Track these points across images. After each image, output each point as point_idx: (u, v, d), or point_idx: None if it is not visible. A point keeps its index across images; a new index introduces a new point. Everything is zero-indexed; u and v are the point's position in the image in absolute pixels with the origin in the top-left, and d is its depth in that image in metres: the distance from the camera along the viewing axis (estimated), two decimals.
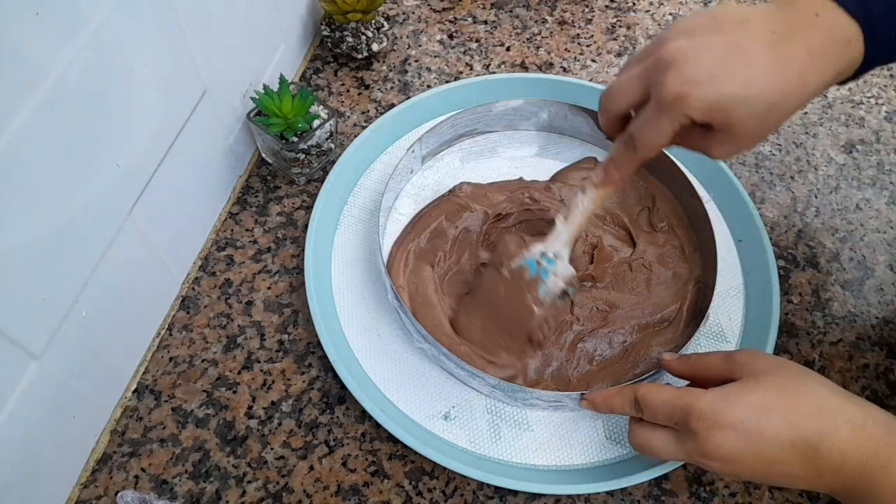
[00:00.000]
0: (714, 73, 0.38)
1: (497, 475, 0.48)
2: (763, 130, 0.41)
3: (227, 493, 0.49)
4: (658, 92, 0.40)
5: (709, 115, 0.39)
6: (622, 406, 0.46)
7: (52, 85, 0.36)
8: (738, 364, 0.43)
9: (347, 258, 0.60)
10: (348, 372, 0.51)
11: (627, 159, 0.45)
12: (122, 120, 0.44)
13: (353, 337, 0.55)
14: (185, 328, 0.56)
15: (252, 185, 0.64)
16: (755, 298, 0.58)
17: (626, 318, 0.56)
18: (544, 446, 0.51)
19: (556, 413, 0.52)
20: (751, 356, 0.44)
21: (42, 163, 0.37)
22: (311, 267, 0.56)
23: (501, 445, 0.51)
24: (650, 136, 0.42)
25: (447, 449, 0.50)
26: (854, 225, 0.64)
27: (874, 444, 0.38)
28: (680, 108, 0.39)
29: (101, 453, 0.50)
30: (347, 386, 0.51)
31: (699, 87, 0.38)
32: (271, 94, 0.59)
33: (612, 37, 0.78)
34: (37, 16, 0.35)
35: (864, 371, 0.56)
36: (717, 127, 0.40)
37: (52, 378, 0.42)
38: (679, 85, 0.39)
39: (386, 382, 0.53)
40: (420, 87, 0.72)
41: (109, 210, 0.45)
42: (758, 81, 0.38)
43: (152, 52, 0.45)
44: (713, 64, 0.38)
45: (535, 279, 0.51)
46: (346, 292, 0.58)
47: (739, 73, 0.38)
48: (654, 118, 0.41)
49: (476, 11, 0.80)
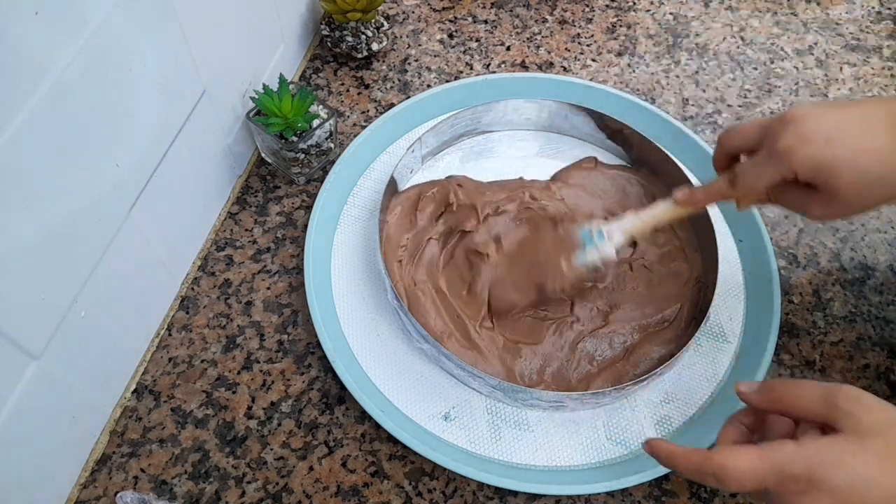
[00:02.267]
0: (830, 136, 0.41)
1: (497, 475, 0.48)
2: (864, 201, 0.42)
3: (227, 494, 0.49)
4: (771, 141, 0.43)
5: (814, 173, 0.41)
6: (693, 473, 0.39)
7: (51, 85, 0.36)
8: (841, 412, 0.36)
9: (347, 258, 0.59)
10: (348, 372, 0.51)
11: (720, 192, 0.47)
12: (121, 120, 0.44)
13: (353, 337, 0.55)
14: (185, 328, 0.56)
15: (252, 185, 0.64)
16: (756, 298, 0.58)
17: (627, 319, 0.56)
18: (544, 446, 0.51)
19: (557, 413, 0.52)
20: (858, 405, 0.37)
21: (42, 163, 0.37)
22: (310, 267, 0.56)
23: (501, 446, 0.51)
24: (752, 178, 0.45)
25: (447, 449, 0.50)
26: (854, 225, 0.64)
27: None
28: (788, 160, 0.42)
29: (101, 454, 0.50)
30: (347, 386, 0.51)
31: (812, 145, 0.41)
32: (271, 94, 0.59)
33: (613, 36, 0.78)
34: (36, 15, 0.35)
35: (865, 371, 0.55)
36: (820, 188, 0.42)
37: (52, 378, 0.42)
38: (793, 139, 0.41)
39: (386, 383, 0.53)
40: (420, 86, 0.72)
41: (109, 210, 0.45)
42: (871, 151, 0.40)
43: (152, 51, 0.45)
44: (831, 128, 0.41)
45: (579, 244, 0.53)
46: (346, 292, 0.57)
47: (855, 140, 0.41)
48: (761, 164, 0.44)
49: (476, 11, 0.80)
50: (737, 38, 0.78)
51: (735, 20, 0.80)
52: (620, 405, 0.53)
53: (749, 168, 0.45)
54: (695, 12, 0.80)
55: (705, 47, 0.77)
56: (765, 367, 0.53)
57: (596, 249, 0.51)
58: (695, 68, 0.75)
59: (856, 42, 0.78)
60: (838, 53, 0.77)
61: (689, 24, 0.79)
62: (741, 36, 0.78)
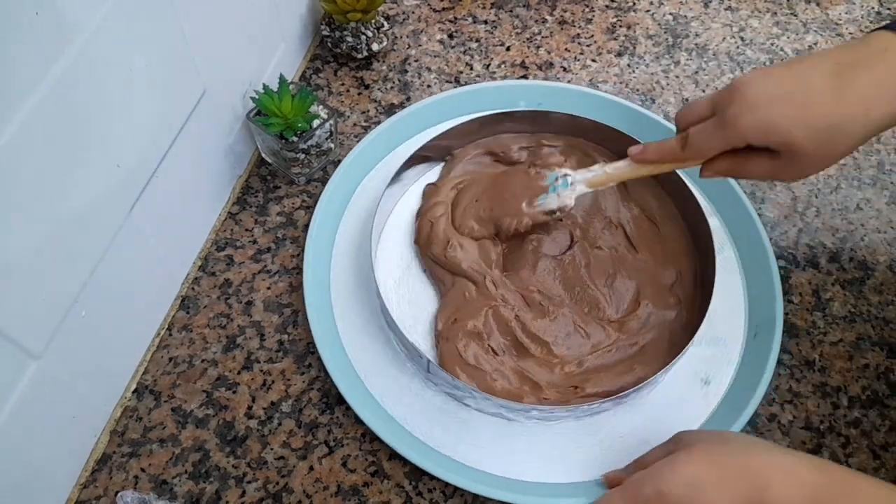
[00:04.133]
0: (774, 97, 0.41)
1: (495, 488, 0.48)
2: (829, 153, 0.42)
3: (227, 494, 0.49)
4: (720, 111, 0.44)
5: (765, 136, 0.42)
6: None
7: (52, 85, 0.36)
8: (675, 440, 0.45)
9: (347, 259, 0.59)
10: (342, 377, 0.52)
11: (671, 151, 0.48)
12: (121, 120, 0.44)
13: (349, 341, 0.55)
14: (185, 328, 0.56)
15: (252, 185, 0.64)
16: (755, 299, 0.58)
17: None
18: (538, 459, 0.51)
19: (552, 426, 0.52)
20: (686, 433, 0.46)
21: (42, 163, 0.37)
22: (310, 267, 0.56)
23: (500, 456, 0.51)
24: (702, 142, 0.46)
25: (442, 460, 0.50)
26: (854, 225, 0.64)
27: (811, 489, 0.38)
28: (735, 129, 0.43)
29: (101, 453, 0.50)
30: (342, 391, 0.51)
31: (757, 110, 0.42)
32: (271, 94, 0.59)
33: (613, 36, 0.78)
34: (36, 15, 0.35)
35: (865, 371, 0.56)
36: (778, 149, 0.42)
37: (52, 378, 0.42)
38: (738, 108, 0.42)
39: (380, 388, 0.53)
40: (420, 86, 0.72)
41: (109, 210, 0.45)
42: (816, 104, 0.41)
43: (152, 52, 0.45)
44: (774, 89, 0.42)
45: (544, 188, 0.56)
46: (346, 292, 0.57)
47: (797, 96, 0.41)
48: (712, 130, 0.45)
49: (476, 11, 0.80)
50: (736, 39, 0.78)
51: (735, 20, 0.80)
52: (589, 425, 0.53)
53: (699, 131, 0.46)
54: (695, 12, 0.81)
55: (705, 47, 0.77)
56: (765, 368, 0.53)
57: (557, 195, 0.54)
58: (694, 68, 0.75)
59: None
60: None
61: (688, 25, 0.79)
62: (741, 36, 0.78)
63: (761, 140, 0.42)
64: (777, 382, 0.55)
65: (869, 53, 0.42)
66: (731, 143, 0.44)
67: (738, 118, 0.42)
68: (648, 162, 0.50)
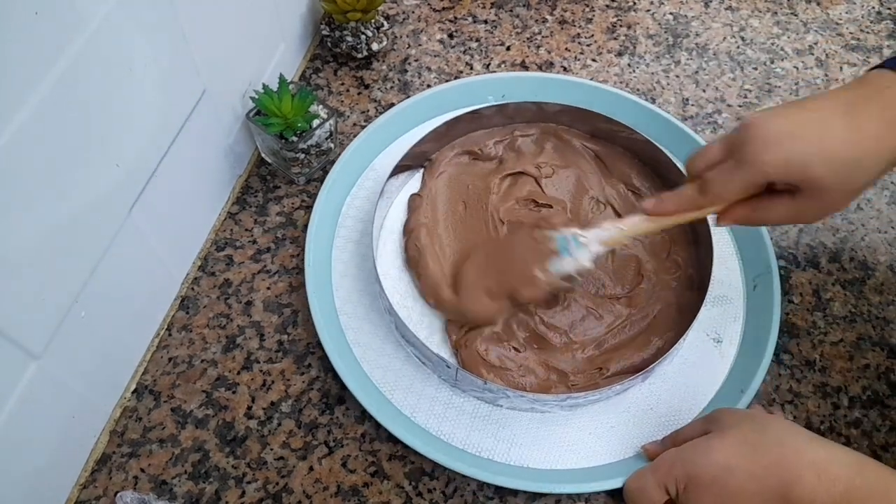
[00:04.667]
0: (793, 134, 0.42)
1: (497, 475, 0.48)
2: (848, 188, 0.43)
3: (227, 494, 0.49)
4: (738, 151, 0.43)
5: (787, 170, 0.42)
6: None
7: (51, 84, 0.36)
8: (710, 420, 0.46)
9: (347, 258, 0.59)
10: (348, 371, 0.51)
11: (690, 199, 0.46)
12: (121, 120, 0.44)
13: (354, 337, 0.55)
14: (185, 328, 0.56)
15: (252, 185, 0.64)
16: (756, 298, 0.58)
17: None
18: (543, 447, 0.51)
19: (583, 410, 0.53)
20: (721, 412, 0.47)
21: (42, 163, 0.37)
22: (311, 267, 0.56)
23: (501, 445, 0.51)
24: (722, 185, 0.44)
25: (448, 449, 0.50)
26: (855, 225, 0.64)
27: (842, 488, 0.38)
28: (757, 166, 0.42)
29: (101, 454, 0.50)
30: (348, 386, 0.51)
31: (777, 146, 0.42)
32: (271, 94, 0.59)
33: (613, 36, 0.78)
34: (36, 15, 0.34)
35: (865, 371, 0.55)
36: (800, 185, 0.42)
37: (52, 378, 0.42)
38: (758, 145, 0.42)
39: (385, 382, 0.53)
40: (420, 86, 0.72)
41: (109, 210, 0.45)
42: (833, 139, 0.41)
43: (152, 51, 0.45)
44: (792, 126, 0.42)
45: (554, 252, 0.51)
46: (346, 292, 0.57)
47: (814, 132, 0.41)
48: (730, 171, 0.44)
49: (476, 11, 0.80)
50: (737, 38, 0.78)
51: (735, 20, 0.80)
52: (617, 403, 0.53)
53: (718, 173, 0.44)
54: (695, 12, 0.80)
55: (705, 47, 0.77)
56: (765, 368, 0.53)
57: (572, 258, 0.50)
58: (695, 68, 0.75)
59: (856, 42, 0.78)
60: (838, 53, 0.77)
61: (689, 24, 0.79)
62: (741, 36, 0.78)
63: (782, 175, 0.42)
64: (777, 382, 0.55)
65: (873, 92, 0.43)
66: (753, 181, 0.43)
67: (758, 155, 0.42)
68: (667, 214, 0.47)
